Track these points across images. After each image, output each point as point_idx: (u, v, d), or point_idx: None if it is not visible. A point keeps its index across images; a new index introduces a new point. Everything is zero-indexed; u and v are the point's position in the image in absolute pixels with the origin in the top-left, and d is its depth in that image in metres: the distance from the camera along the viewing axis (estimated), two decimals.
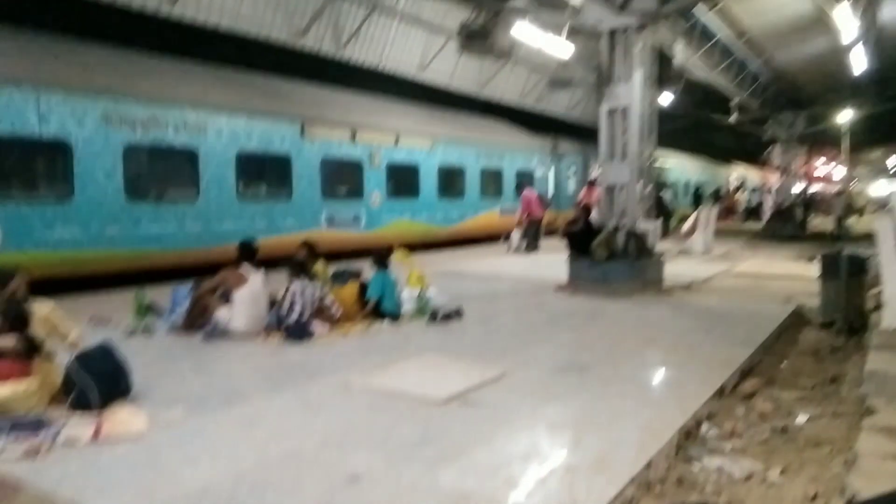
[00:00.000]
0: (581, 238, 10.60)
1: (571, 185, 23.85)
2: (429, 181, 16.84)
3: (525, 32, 13.05)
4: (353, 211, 14.54)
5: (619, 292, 9.66)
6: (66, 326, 4.98)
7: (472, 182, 18.70)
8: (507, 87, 21.69)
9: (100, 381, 4.43)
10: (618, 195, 10.40)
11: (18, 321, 4.54)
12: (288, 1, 13.88)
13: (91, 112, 10.00)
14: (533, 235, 16.06)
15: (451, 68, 18.95)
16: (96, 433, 4.02)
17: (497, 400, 4.83)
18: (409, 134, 16.13)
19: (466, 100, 20.67)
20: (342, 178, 14.62)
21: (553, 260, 12.90)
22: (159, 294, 8.12)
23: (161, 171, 11.38)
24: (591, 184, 17.01)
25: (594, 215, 11.32)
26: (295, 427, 4.28)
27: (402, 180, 16.06)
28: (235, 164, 11.97)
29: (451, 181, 17.93)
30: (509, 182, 20.24)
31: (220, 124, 11.71)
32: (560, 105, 24.64)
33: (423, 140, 16.59)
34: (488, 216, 19.36)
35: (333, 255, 12.23)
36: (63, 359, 4.75)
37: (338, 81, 16.08)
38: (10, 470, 3.55)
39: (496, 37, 12.30)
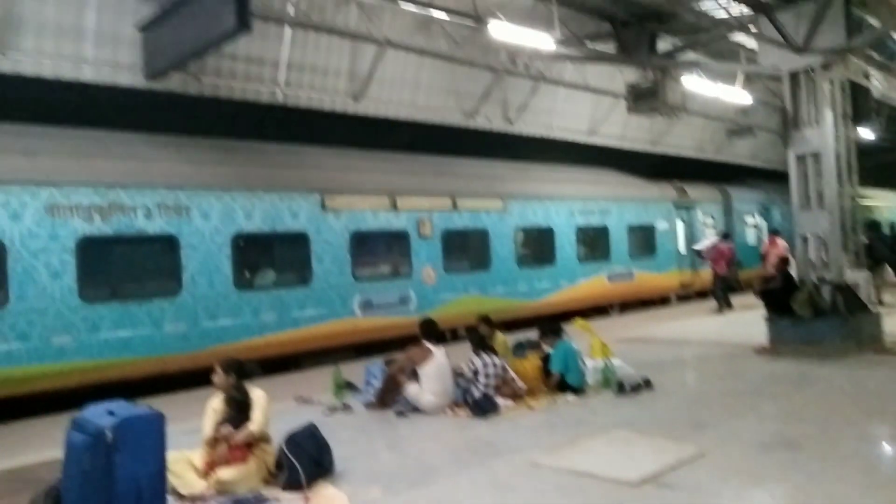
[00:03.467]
0: (780, 295, 9.78)
1: (710, 238, 19.52)
2: (503, 248, 14.02)
3: (697, 85, 12.69)
4: (400, 292, 12.16)
5: (829, 354, 8.71)
6: (267, 412, 5.23)
7: (566, 244, 15.47)
8: (683, 140, 20.99)
9: (307, 462, 4.81)
10: (816, 246, 9.53)
11: (242, 409, 5.07)
12: (458, 86, 14.69)
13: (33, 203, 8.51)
14: (721, 292, 15.07)
15: (621, 129, 18.80)
16: None
17: (696, 482, 4.51)
18: (470, 194, 13.61)
19: (641, 157, 20.28)
20: (382, 254, 12.39)
21: (749, 319, 11.98)
22: (354, 371, 8.68)
23: (131, 262, 9.57)
24: (775, 233, 15.76)
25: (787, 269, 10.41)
26: None
27: (466, 250, 13.65)
28: (231, 248, 10.11)
29: (535, 246, 15.10)
30: (619, 241, 16.89)
31: (207, 203, 9.93)
32: (743, 153, 23.32)
33: (491, 200, 13.95)
34: (592, 284, 15.93)
35: (375, 346, 11.26)
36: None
37: (508, 154, 16.46)
38: None
39: (666, 93, 12.11)
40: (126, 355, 8.97)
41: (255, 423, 4.97)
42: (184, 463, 4.84)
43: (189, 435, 5.24)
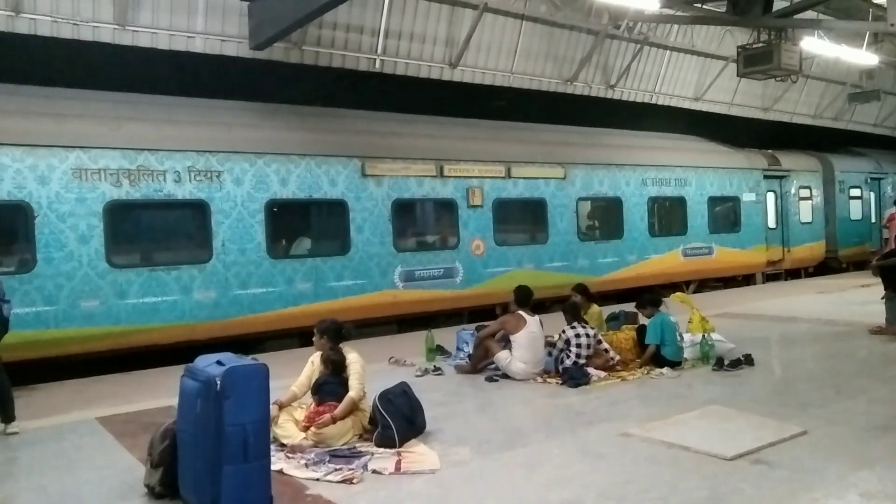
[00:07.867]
0: None
1: (806, 212, 17.96)
2: (563, 220, 13.03)
3: (816, 46, 11.86)
4: (445, 263, 11.52)
5: None
6: (363, 376, 5.42)
7: (635, 217, 14.22)
8: (798, 106, 19.71)
9: (399, 419, 4.97)
10: None
11: (337, 370, 5.31)
12: (557, 52, 14.37)
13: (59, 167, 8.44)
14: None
15: (729, 94, 17.87)
16: (397, 466, 4.50)
17: (797, 461, 4.33)
18: (527, 161, 12.63)
19: (750, 123, 19.23)
20: (426, 223, 12.02)
21: (866, 297, 11.25)
22: (445, 335, 8.83)
23: (160, 228, 9.64)
24: None
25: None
26: (574, 474, 4.31)
27: (520, 221, 12.90)
28: (265, 215, 9.76)
29: (599, 217, 14.12)
30: (698, 214, 15.34)
31: (239, 168, 9.60)
32: (867, 119, 21.65)
33: (550, 168, 12.93)
34: (664, 260, 14.62)
35: (417, 319, 11.06)
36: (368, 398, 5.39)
37: (608, 121, 15.95)
38: (329, 493, 4.13)
39: (781, 56, 11.38)
40: (154, 321, 8.90)
41: (353, 391, 5.15)
42: (285, 414, 5.12)
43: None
